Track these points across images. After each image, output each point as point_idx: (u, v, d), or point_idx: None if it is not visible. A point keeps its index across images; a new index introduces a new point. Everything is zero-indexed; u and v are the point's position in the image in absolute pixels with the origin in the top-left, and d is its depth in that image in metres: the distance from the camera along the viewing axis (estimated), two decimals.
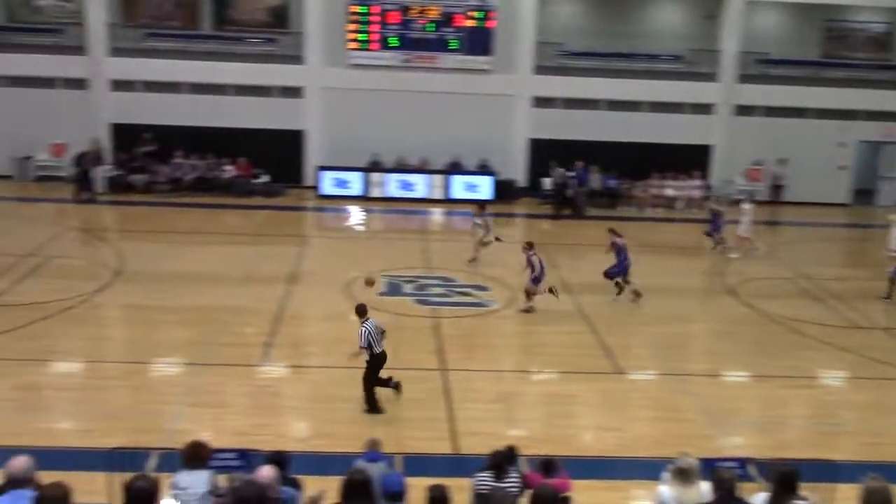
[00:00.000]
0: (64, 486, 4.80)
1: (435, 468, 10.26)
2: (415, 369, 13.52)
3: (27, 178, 25.62)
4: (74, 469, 8.43)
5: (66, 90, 25.47)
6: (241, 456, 8.46)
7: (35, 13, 26.65)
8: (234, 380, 13.08)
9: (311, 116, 26.00)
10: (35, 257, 18.34)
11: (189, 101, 25.57)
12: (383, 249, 20.49)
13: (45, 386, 12.77)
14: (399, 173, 25.61)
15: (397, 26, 25.34)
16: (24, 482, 5.48)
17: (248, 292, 16.96)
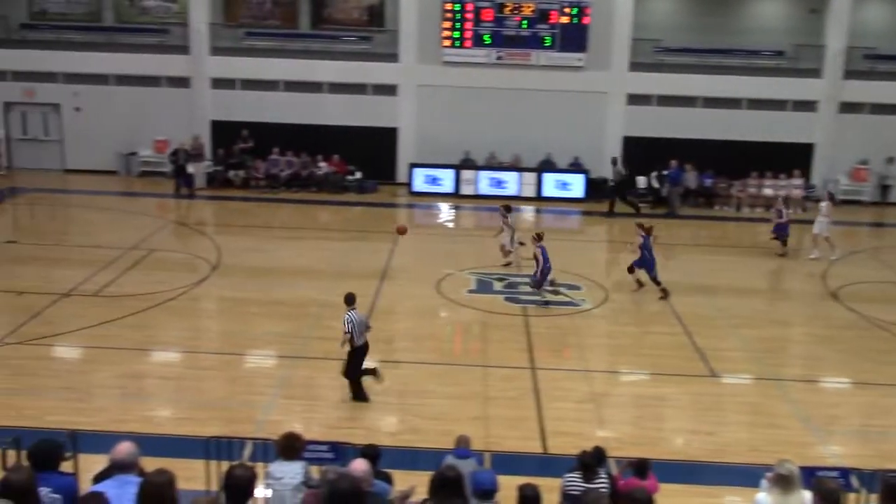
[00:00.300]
0: (168, 473, 4.96)
1: (523, 467, 10.22)
2: (504, 367, 13.51)
3: (131, 174, 26.58)
4: (173, 456, 8.68)
5: (170, 88, 26.34)
6: (332, 448, 8.59)
7: (141, 14, 27.62)
8: (325, 373, 13.27)
9: (404, 114, 26.22)
10: (138, 250, 19.01)
11: (285, 98, 26.11)
12: (474, 247, 20.50)
13: (147, 374, 13.23)
14: (490, 171, 25.58)
15: (491, 23, 25.32)
16: (128, 467, 5.68)
17: (341, 287, 17.12)
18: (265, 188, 25.28)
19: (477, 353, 14.26)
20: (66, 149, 26.95)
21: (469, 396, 12.46)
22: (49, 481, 5.59)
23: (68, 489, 5.82)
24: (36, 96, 26.60)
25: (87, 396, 12.25)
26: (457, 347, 15.24)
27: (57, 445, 6.27)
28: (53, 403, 11.85)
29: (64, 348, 14.05)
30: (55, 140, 27.00)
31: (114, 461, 5.71)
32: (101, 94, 26.36)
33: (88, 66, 26.09)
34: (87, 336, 14.37)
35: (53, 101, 26.66)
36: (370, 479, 6.40)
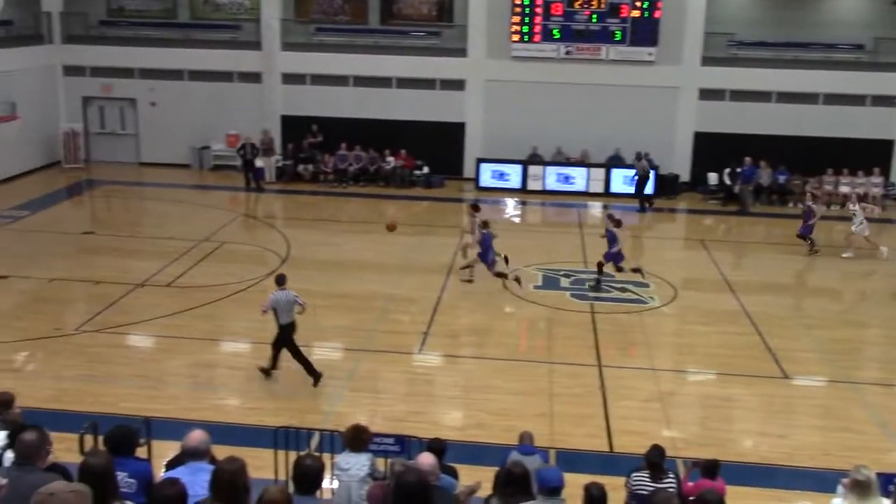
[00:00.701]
0: (240, 460, 5.04)
1: (588, 465, 10.16)
2: (570, 364, 13.43)
3: (204, 167, 27.12)
4: (243, 445, 8.83)
5: (242, 83, 26.79)
6: (398, 441, 8.65)
7: (215, 10, 28.12)
8: (390, 366, 13.39)
9: (471, 109, 26.21)
10: (210, 243, 19.39)
11: (354, 93, 26.32)
12: (540, 243, 20.41)
13: (217, 364, 13.50)
14: (558, 166, 25.41)
15: (560, 18, 25.13)
16: (200, 454, 5.80)
17: (407, 281, 17.31)
18: (333, 182, 25.54)
19: (542, 350, 14.20)
20: (142, 142, 27.62)
21: (534, 393, 12.42)
22: (125, 466, 5.74)
23: (143, 474, 5.97)
24: (113, 91, 27.30)
25: (159, 384, 12.56)
26: (522, 343, 15.20)
27: (132, 431, 6.44)
28: (128, 391, 12.18)
29: (138, 337, 14.43)
30: (131, 134, 27.69)
31: (186, 448, 5.83)
32: (176, 89, 26.93)
33: (164, 61, 26.69)
34: (160, 325, 14.72)
35: (130, 96, 27.33)
36: (437, 472, 6.43)
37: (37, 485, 3.70)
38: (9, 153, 24.16)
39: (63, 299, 15.95)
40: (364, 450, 7.33)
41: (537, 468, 6.80)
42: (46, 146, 26.54)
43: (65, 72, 27.28)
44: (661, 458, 7.76)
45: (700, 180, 25.42)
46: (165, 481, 4.99)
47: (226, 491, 4.84)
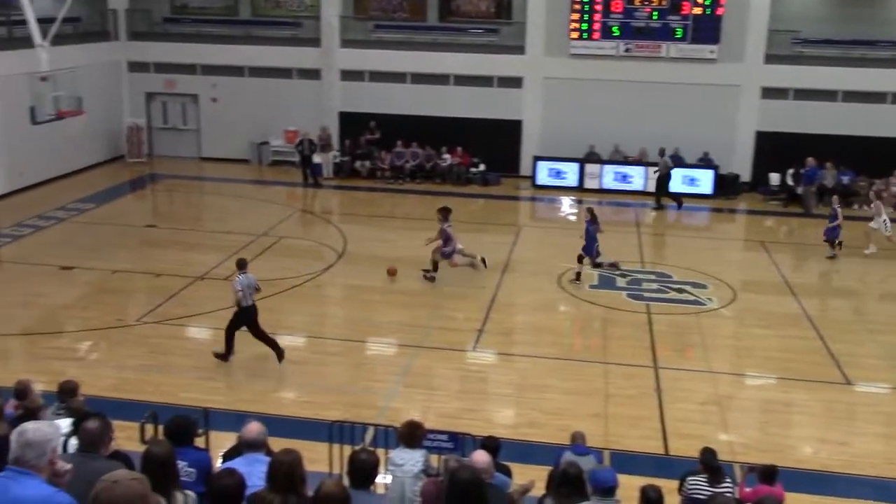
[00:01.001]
0: (295, 452, 5.10)
1: (642, 467, 10.06)
2: (625, 365, 13.30)
3: (263, 163, 27.46)
4: (298, 437, 8.90)
5: (301, 80, 27.05)
6: (451, 438, 8.66)
7: (276, 8, 28.44)
8: (444, 363, 13.41)
9: (529, 106, 26.10)
10: (268, 237, 19.63)
11: (412, 90, 26.40)
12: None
13: (272, 357, 13.58)
14: (616, 165, 25.16)
15: (620, 15, 24.88)
16: (257, 446, 5.88)
17: (461, 278, 17.30)
18: (390, 179, 25.66)
19: (597, 350, 14.09)
20: (203, 138, 28.08)
21: (588, 393, 12.34)
22: (185, 456, 5.84)
23: (203, 464, 6.07)
24: (176, 87, 27.81)
25: (217, 376, 12.76)
26: (577, 343, 15.10)
27: (192, 422, 6.55)
28: (187, 381, 12.40)
29: (197, 329, 14.68)
30: (192, 129, 28.17)
31: (244, 440, 5.91)
32: (236, 85, 27.31)
33: (225, 58, 27.08)
34: (219, 318, 14.89)
35: (192, 92, 27.80)
36: (491, 470, 6.42)
37: (100, 471, 3.77)
38: (75, 147, 24.74)
39: (126, 290, 16.30)
40: (418, 446, 7.35)
41: (591, 469, 6.75)
42: (111, 140, 27.14)
43: (129, 68, 27.86)
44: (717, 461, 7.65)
45: (761, 181, 24.95)
46: (224, 472, 5.06)
47: (282, 482, 4.90)
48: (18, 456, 4.01)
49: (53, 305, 15.52)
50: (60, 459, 4.20)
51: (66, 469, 4.20)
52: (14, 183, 22.90)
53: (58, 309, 15.40)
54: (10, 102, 21.45)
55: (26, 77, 19.22)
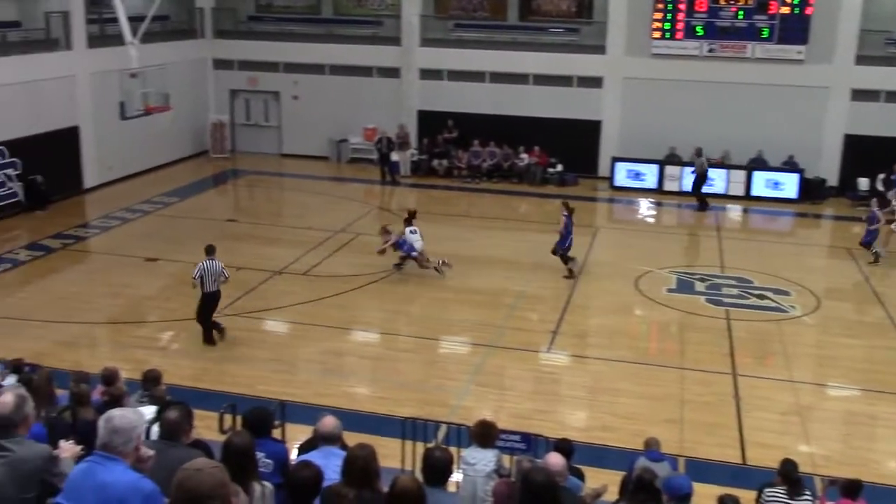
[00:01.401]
0: (370, 447, 5.14)
1: (718, 476, 9.86)
2: (703, 371, 13.06)
3: (342, 160, 27.78)
4: (371, 433, 8.99)
5: (380, 78, 27.27)
6: (524, 439, 8.62)
7: (357, 6, 28.74)
8: (517, 363, 13.37)
9: (608, 107, 25.81)
10: (345, 234, 19.86)
11: (490, 89, 26.37)
12: (675, 245, 19.95)
13: (348, 352, 13.82)
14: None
15: (704, 14, 24.42)
16: (333, 439, 5.94)
17: (537, 279, 17.23)
18: (467, 178, 25.68)
19: (674, 354, 13.86)
20: (284, 134, 28.55)
21: (663, 398, 12.15)
22: (262, 447, 5.94)
23: (280, 455, 6.17)
24: (258, 84, 28.34)
25: (293, 369, 12.97)
26: (652, 347, 14.88)
27: (269, 413, 6.66)
28: (263, 374, 12.63)
29: (274, 323, 14.94)
30: (274, 126, 28.67)
31: (320, 433, 5.98)
32: (317, 83, 27.68)
33: (307, 56, 27.47)
34: (295, 312, 15.19)
35: (274, 90, 28.29)
36: (565, 473, 6.37)
37: (181, 459, 3.86)
38: (161, 142, 25.45)
39: None
40: (491, 446, 7.33)
41: (666, 475, 6.64)
42: (196, 136, 27.82)
43: (214, 65, 28.50)
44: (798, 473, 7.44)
45: (849, 185, 24.18)
46: (302, 464, 5.13)
47: (358, 476, 4.94)
48: (106, 442, 4.12)
49: (138, 296, 15.99)
50: (144, 446, 4.32)
51: (149, 455, 4.31)
52: (104, 176, 23.66)
53: (142, 299, 15.86)
54: (101, 98, 22.19)
55: (117, 74, 19.84)
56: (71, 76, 22.17)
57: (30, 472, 4.39)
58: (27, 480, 4.38)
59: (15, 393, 4.55)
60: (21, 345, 13.01)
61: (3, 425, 4.46)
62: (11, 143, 20.39)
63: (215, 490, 3.52)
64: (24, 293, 15.99)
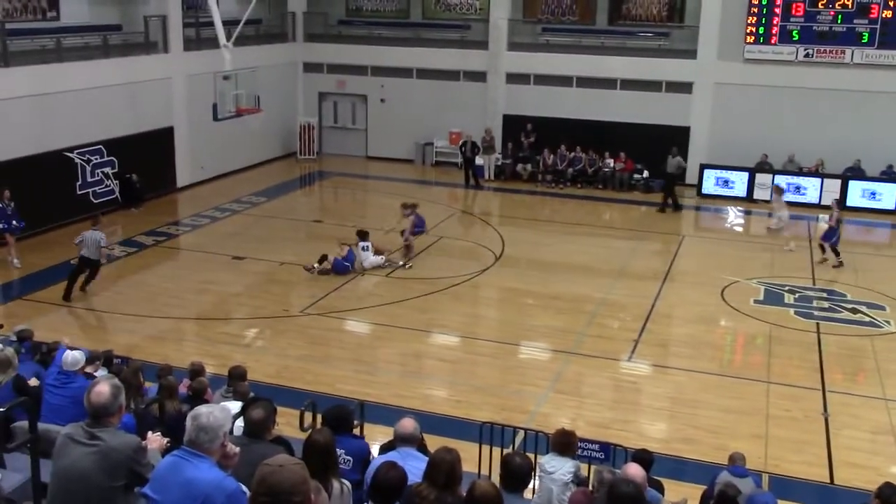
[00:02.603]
0: (456, 452, 5.14)
1: (804, 495, 9.60)
2: (790, 385, 12.69)
3: (426, 163, 27.95)
4: (448, 435, 8.99)
5: (467, 82, 27.34)
6: (603, 448, 8.52)
7: (446, 10, 28.89)
8: (597, 371, 13.22)
9: (697, 113, 25.31)
10: (428, 237, 19.92)
11: (576, 94, 26.16)
12: (764, 255, 19.41)
13: (426, 355, 13.87)
14: (789, 175, 24.00)
15: (800, 18, 23.76)
16: (412, 441, 5.97)
17: (619, 286, 17.01)
18: (551, 183, 25.54)
19: (760, 368, 13.48)
20: (370, 137, 28.88)
21: (748, 412, 11.84)
22: (343, 444, 6.01)
23: (360, 453, 6.23)
24: (346, 87, 28.74)
25: (373, 370, 13.09)
26: (738, 359, 14.52)
27: (350, 412, 6.74)
28: (344, 373, 12.78)
29: (356, 323, 15.10)
30: (360, 129, 29.03)
31: (398, 434, 6.01)
32: (404, 86, 27.92)
33: (395, 59, 27.73)
34: (377, 313, 15.34)
35: (361, 93, 28.66)
36: (645, 485, 6.27)
37: (264, 455, 3.94)
38: (252, 143, 26.05)
39: (291, 282, 16.97)
40: (571, 455, 7.27)
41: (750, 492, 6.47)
42: (285, 138, 28.37)
43: (304, 68, 29.01)
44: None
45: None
46: (389, 464, 5.17)
47: (442, 479, 4.95)
48: (192, 438, 4.24)
49: (225, 293, 16.38)
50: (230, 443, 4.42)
51: (235, 452, 4.41)
52: (196, 175, 24.33)
53: (229, 296, 16.24)
54: (195, 100, 22.83)
55: (211, 76, 20.39)
56: (167, 78, 22.86)
57: (119, 462, 4.53)
58: (117, 469, 4.52)
59: (110, 383, 4.71)
60: (114, 338, 13.50)
61: (98, 415, 4.62)
62: (109, 143, 21.13)
63: (297, 486, 3.57)
64: (117, 288, 16.56)
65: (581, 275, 17.69)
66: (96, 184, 20.97)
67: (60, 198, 19.72)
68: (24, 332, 10.28)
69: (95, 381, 4.79)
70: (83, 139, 20.37)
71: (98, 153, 20.91)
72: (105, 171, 21.20)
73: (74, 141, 20.14)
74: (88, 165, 20.66)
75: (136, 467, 4.55)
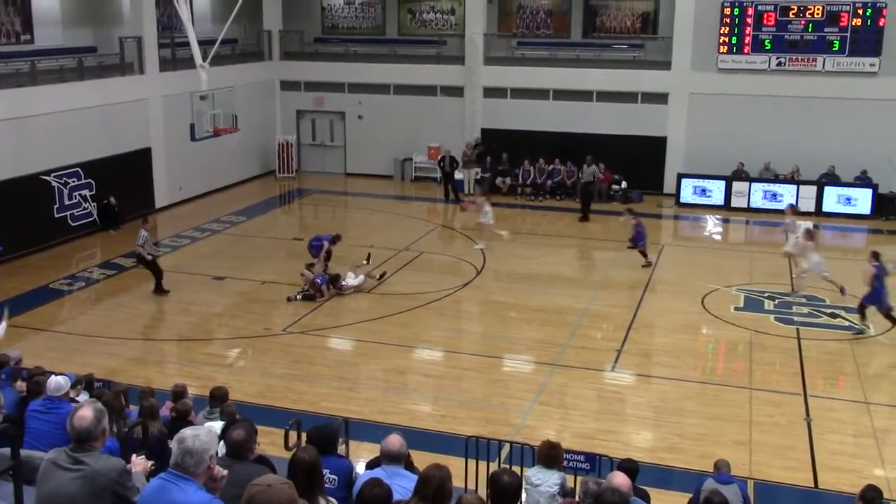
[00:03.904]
0: (446, 468, 5.13)
1: (789, 500, 9.65)
2: (772, 391, 12.77)
3: (405, 179, 27.98)
4: (433, 451, 9.01)
5: (444, 97, 27.45)
6: (588, 459, 8.53)
7: (421, 26, 29.02)
8: (581, 382, 13.25)
9: (673, 122, 25.54)
10: (409, 252, 19.97)
11: (553, 106, 26.32)
12: (743, 262, 19.55)
13: (411, 370, 13.85)
14: (765, 183, 24.25)
15: (772, 28, 24.06)
16: (399, 458, 5.94)
17: (600, 297, 17.08)
18: (530, 195, 25.63)
19: (742, 374, 13.57)
20: (348, 154, 28.90)
21: (732, 419, 11.90)
22: (328, 463, 5.98)
23: (344, 471, 6.21)
24: (324, 105, 28.76)
25: (356, 386, 13.05)
26: (720, 366, 14.60)
27: (334, 430, 6.72)
28: (327, 391, 12.74)
29: (338, 340, 15.08)
30: (339, 146, 29.05)
31: (387, 452, 5.97)
32: (382, 102, 27.99)
33: (372, 76, 27.81)
34: (359, 330, 15.31)
35: (339, 110, 28.69)
36: (631, 494, 6.28)
37: (248, 475, 3.94)
38: (230, 162, 26.01)
39: (273, 301, 16.90)
40: (557, 467, 7.28)
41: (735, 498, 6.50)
42: (263, 156, 28.33)
43: (281, 86, 29.03)
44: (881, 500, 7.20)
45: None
46: (373, 481, 5.16)
47: (432, 496, 4.95)
48: (178, 462, 4.22)
49: (206, 313, 16.30)
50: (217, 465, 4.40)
51: (222, 475, 4.40)
52: (174, 196, 24.24)
53: (210, 317, 16.17)
54: (172, 121, 22.78)
55: (187, 96, 20.36)
56: (144, 99, 22.79)
57: (105, 486, 4.50)
58: (102, 493, 4.49)
59: (93, 407, 4.68)
60: (95, 361, 13.37)
61: (82, 439, 4.59)
62: (87, 165, 21.02)
63: None
64: (97, 310, 16.45)
65: (563, 286, 17.75)
66: (74, 206, 20.85)
67: (38, 221, 19.59)
68: (2, 357, 10.18)
69: (78, 406, 4.76)
70: (60, 162, 20.26)
71: (75, 175, 20.80)
72: (83, 194, 21.08)
73: (52, 164, 20.03)
74: (66, 188, 20.55)
75: (121, 490, 4.52)
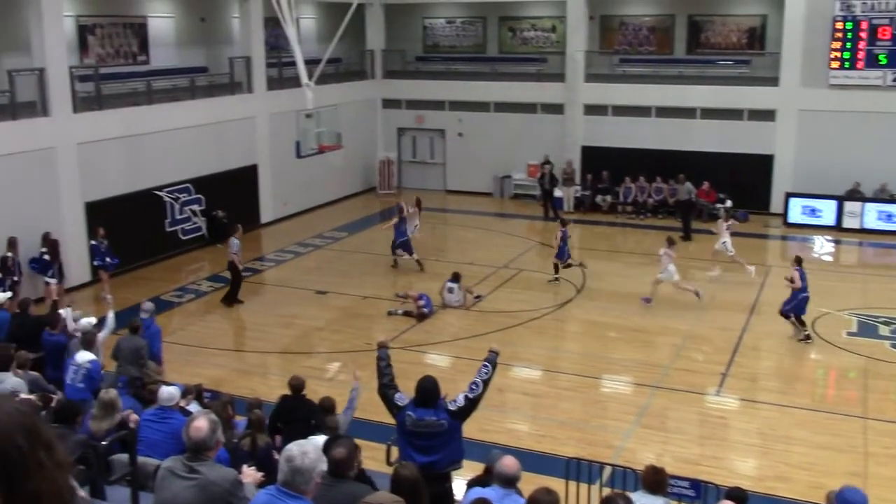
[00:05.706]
0: (556, 494, 5.07)
1: None
2: (889, 422, 12.20)
3: (504, 196, 27.99)
4: (533, 471, 8.89)
5: (544, 115, 27.37)
6: (693, 486, 8.32)
7: (522, 44, 29.06)
8: (684, 406, 12.95)
9: (781, 140, 24.80)
10: (508, 269, 19.93)
11: (655, 124, 25.92)
12: (856, 285, 18.79)
13: (510, 389, 13.76)
14: (880, 203, 23.27)
15: (888, 42, 23.14)
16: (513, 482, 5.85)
17: (704, 318, 16.69)
18: (631, 214, 25.29)
19: (855, 402, 13.02)
20: (448, 171, 29.10)
21: (844, 449, 11.43)
22: None
23: None
24: (425, 122, 29.07)
25: None
26: (831, 393, 14.06)
27: None
28: None
29: (436, 356, 15.13)
30: (439, 163, 29.29)
31: (500, 474, 5.88)
32: (482, 120, 28.09)
33: (472, 94, 27.96)
34: (458, 347, 15.35)
35: (439, 127, 28.94)
36: None
37: (353, 494, 3.98)
38: (333, 179, 26.52)
39: (373, 316, 17.11)
40: (661, 493, 7.11)
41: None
42: (365, 173, 28.79)
43: (383, 104, 29.47)
44: None
45: None
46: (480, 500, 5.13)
47: None
48: (288, 480, 4.28)
49: (308, 327, 16.62)
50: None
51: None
52: (279, 212, 24.85)
53: (312, 330, 16.47)
54: (278, 138, 23.40)
55: (293, 114, 20.87)
56: (251, 117, 23.48)
57: (217, 495, 4.62)
58: (214, 502, 4.61)
59: (208, 419, 4.82)
60: (203, 371, 13.79)
61: (198, 449, 4.73)
62: (197, 181, 21.77)
63: None
64: (205, 322, 16.96)
65: (665, 307, 17.39)
66: (184, 221, 21.60)
67: (150, 235, 20.36)
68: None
69: (193, 417, 4.90)
70: (172, 178, 21.03)
71: (186, 191, 21.56)
72: (193, 209, 21.83)
73: (164, 180, 20.81)
74: (177, 203, 21.31)
75: (233, 500, 4.62)
